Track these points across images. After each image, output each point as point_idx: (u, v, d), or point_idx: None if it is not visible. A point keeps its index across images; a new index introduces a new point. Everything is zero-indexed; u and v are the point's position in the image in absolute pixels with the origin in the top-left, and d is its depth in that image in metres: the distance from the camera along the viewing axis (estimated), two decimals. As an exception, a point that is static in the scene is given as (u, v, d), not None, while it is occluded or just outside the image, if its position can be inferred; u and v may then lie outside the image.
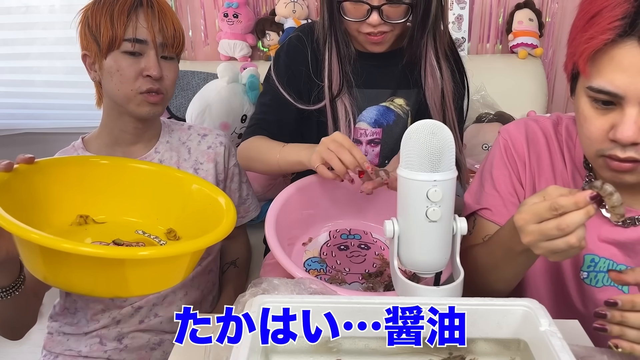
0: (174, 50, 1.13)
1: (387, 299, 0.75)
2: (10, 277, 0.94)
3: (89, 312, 1.15)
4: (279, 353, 0.74)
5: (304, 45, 1.25)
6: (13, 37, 2.30)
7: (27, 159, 0.90)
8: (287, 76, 1.25)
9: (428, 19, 1.17)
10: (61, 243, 0.71)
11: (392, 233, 0.78)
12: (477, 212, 1.02)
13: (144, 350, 1.17)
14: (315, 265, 1.06)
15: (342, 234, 1.13)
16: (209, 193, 1.02)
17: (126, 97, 1.10)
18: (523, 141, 1.00)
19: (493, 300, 0.73)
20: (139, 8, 1.09)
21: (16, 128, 2.36)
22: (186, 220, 1.03)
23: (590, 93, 0.80)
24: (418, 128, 0.74)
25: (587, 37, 0.77)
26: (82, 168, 1.03)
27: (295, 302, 0.74)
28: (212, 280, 1.28)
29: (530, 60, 2.00)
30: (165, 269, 0.84)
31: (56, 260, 0.76)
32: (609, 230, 0.92)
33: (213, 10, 2.13)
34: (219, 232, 0.87)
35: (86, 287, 0.82)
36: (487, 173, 1.03)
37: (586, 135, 0.83)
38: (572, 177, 0.96)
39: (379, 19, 1.12)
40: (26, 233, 0.73)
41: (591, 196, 0.70)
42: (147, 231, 1.03)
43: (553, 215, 0.71)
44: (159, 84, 1.11)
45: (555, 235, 0.72)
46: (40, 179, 0.92)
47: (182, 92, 1.85)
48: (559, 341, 0.66)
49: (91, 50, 1.11)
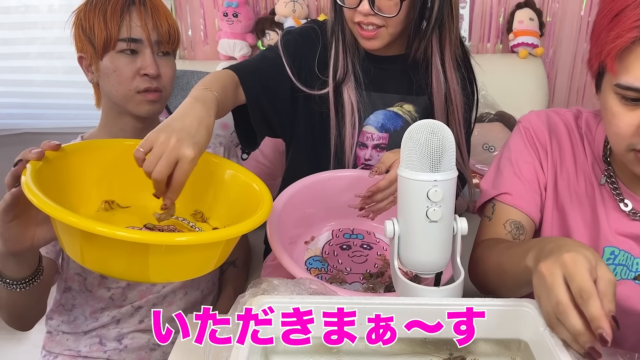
0: (170, 47, 1.13)
1: (386, 299, 0.75)
2: (30, 269, 0.92)
3: (88, 309, 1.15)
4: (279, 353, 0.74)
5: (317, 37, 1.22)
6: (12, 37, 2.29)
7: (54, 145, 0.88)
8: (293, 56, 1.20)
9: (431, 18, 1.13)
10: (113, 230, 0.70)
11: (392, 233, 0.78)
12: (496, 197, 1.01)
13: (144, 350, 1.17)
14: (316, 264, 1.05)
15: (345, 233, 1.13)
16: (245, 179, 0.98)
17: (124, 96, 1.10)
18: (545, 129, 1.01)
19: (493, 300, 0.73)
20: (132, 6, 1.08)
21: (15, 128, 2.36)
22: (217, 204, 1.00)
23: (618, 90, 0.80)
24: (418, 128, 0.74)
25: (613, 35, 0.78)
26: (106, 152, 0.99)
27: (295, 302, 0.74)
28: (212, 281, 1.28)
29: (530, 60, 1.99)
30: (201, 256, 0.81)
31: (95, 243, 0.75)
32: (627, 224, 0.93)
33: (213, 9, 2.13)
34: (258, 217, 0.84)
35: (121, 271, 0.80)
36: (506, 159, 1.03)
37: (615, 131, 0.83)
38: (592, 169, 0.97)
39: (369, 8, 1.09)
40: (88, 224, 0.71)
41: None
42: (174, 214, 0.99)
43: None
44: (156, 82, 1.10)
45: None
46: (65, 165, 0.90)
47: (182, 91, 1.84)
48: (559, 341, 0.66)
49: (87, 52, 1.10)
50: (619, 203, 0.93)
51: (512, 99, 1.89)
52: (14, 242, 0.85)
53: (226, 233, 0.80)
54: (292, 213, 1.06)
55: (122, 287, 1.14)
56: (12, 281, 0.91)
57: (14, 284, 0.91)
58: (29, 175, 0.78)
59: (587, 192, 0.97)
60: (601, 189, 0.95)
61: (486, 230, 1.00)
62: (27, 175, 0.78)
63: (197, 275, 0.85)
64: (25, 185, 0.76)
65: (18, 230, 0.84)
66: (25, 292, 0.93)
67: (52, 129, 2.31)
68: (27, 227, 0.85)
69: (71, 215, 0.71)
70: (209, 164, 1.01)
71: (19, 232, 0.84)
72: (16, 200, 0.81)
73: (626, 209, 0.93)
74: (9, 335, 1.65)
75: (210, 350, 0.72)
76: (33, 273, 0.93)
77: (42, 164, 0.83)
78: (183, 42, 2.17)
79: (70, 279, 1.13)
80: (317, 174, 1.11)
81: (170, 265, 0.78)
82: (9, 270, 0.90)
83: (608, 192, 0.95)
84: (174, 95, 1.83)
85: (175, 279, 0.97)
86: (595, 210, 0.95)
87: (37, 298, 1.03)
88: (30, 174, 0.78)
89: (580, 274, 0.64)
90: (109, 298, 1.14)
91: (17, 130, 2.36)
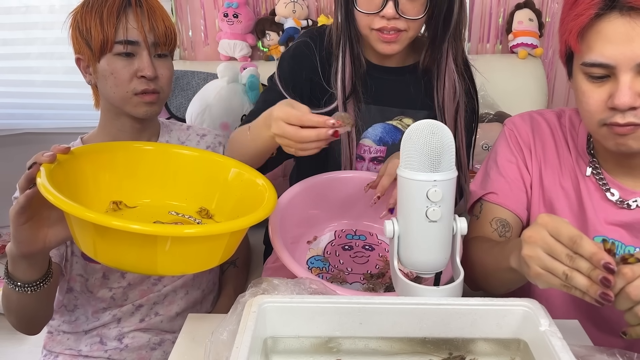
0: (167, 48, 1.12)
1: (386, 299, 0.75)
2: (41, 271, 0.95)
3: (90, 309, 1.16)
4: (279, 353, 0.74)
5: (311, 51, 1.19)
6: (13, 37, 2.29)
7: (64, 149, 0.90)
8: (293, 82, 1.19)
9: (450, 20, 1.10)
10: (115, 221, 0.75)
11: (392, 233, 0.78)
12: (483, 197, 1.05)
13: (144, 350, 1.17)
14: (317, 263, 1.06)
15: (348, 234, 1.13)
16: (249, 176, 1.01)
17: (122, 98, 1.10)
18: (528, 130, 1.05)
19: (493, 300, 0.73)
20: (128, 8, 1.07)
21: (16, 128, 2.36)
22: (221, 201, 1.02)
23: (584, 69, 0.85)
24: (418, 128, 0.74)
25: (573, 15, 0.84)
26: (114, 154, 1.02)
27: (295, 302, 0.74)
28: (212, 280, 1.28)
29: (530, 60, 2.00)
30: (207, 248, 0.84)
31: (108, 238, 0.79)
32: (615, 213, 0.95)
33: (213, 10, 2.13)
34: (263, 210, 0.87)
35: (131, 264, 0.84)
36: (492, 161, 1.07)
37: (586, 109, 0.87)
38: (577, 163, 1.00)
39: (394, 12, 1.04)
40: (103, 218, 0.76)
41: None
42: (180, 212, 1.02)
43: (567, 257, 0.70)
44: (154, 83, 1.10)
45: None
46: (75, 167, 0.93)
47: (182, 92, 1.85)
48: (559, 341, 0.66)
49: (84, 54, 1.10)
50: (606, 193, 0.96)
51: (511, 100, 1.89)
52: (27, 243, 0.88)
53: (231, 225, 0.84)
54: (295, 212, 1.06)
55: (123, 287, 1.14)
56: (23, 284, 0.94)
57: (25, 287, 0.94)
58: (44, 177, 0.82)
59: (573, 185, 1.00)
60: (586, 181, 0.98)
61: (474, 228, 1.05)
62: (43, 177, 0.82)
63: (203, 268, 0.88)
64: (42, 186, 0.80)
65: (31, 232, 0.87)
66: (35, 295, 0.96)
67: (52, 129, 2.31)
68: (40, 229, 0.89)
69: (87, 211, 0.76)
70: (214, 163, 1.05)
71: (31, 234, 0.88)
72: (30, 201, 0.85)
73: (613, 198, 0.96)
74: (9, 335, 1.65)
75: (210, 350, 0.72)
76: (43, 275, 0.96)
77: (54, 167, 0.87)
78: (183, 43, 2.17)
79: (73, 279, 1.13)
80: (321, 175, 1.11)
81: (177, 258, 0.81)
82: (20, 272, 0.93)
83: (594, 183, 0.98)
84: (174, 95, 1.83)
85: (182, 271, 0.99)
86: (582, 202, 0.97)
87: (45, 301, 1.04)
88: (45, 176, 0.82)
89: (563, 224, 0.69)
90: (110, 298, 1.14)
91: (17, 130, 2.36)
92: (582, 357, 0.72)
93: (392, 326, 0.73)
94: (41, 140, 2.34)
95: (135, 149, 1.05)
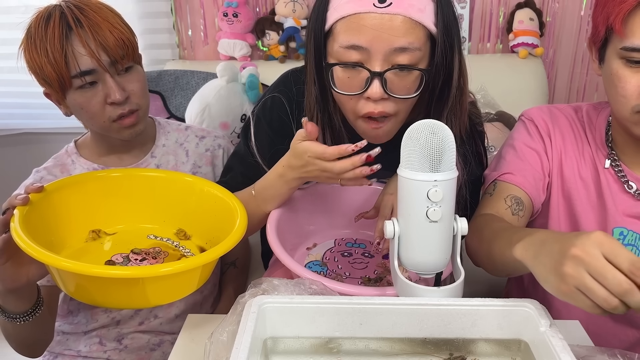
0: (128, 60, 1.04)
1: (386, 299, 0.75)
2: (29, 302, 0.95)
3: (90, 312, 1.15)
4: (279, 353, 0.74)
5: (286, 115, 1.05)
6: (13, 37, 2.29)
7: (37, 188, 0.91)
8: (270, 153, 1.04)
9: (449, 94, 0.94)
10: (91, 268, 0.78)
11: (392, 233, 0.78)
12: (498, 178, 1.03)
13: (144, 350, 1.17)
14: (316, 267, 1.05)
15: (348, 242, 1.13)
16: (220, 195, 1.02)
17: (102, 128, 1.07)
18: (547, 119, 1.05)
19: (493, 300, 0.73)
20: (70, 33, 0.99)
21: (16, 128, 2.35)
22: (197, 221, 1.03)
23: (624, 53, 0.86)
24: (418, 128, 0.74)
25: (618, 0, 0.84)
26: (86, 185, 1.02)
27: (295, 302, 0.74)
28: (212, 282, 1.28)
29: (530, 60, 1.99)
30: (181, 280, 0.86)
31: (83, 282, 0.82)
32: (634, 205, 0.97)
33: (213, 9, 2.12)
34: (232, 239, 0.89)
35: (110, 302, 0.87)
36: (509, 147, 1.06)
37: (621, 94, 0.88)
38: (596, 155, 1.01)
39: (382, 91, 0.86)
40: (70, 265, 0.78)
41: None
42: (159, 235, 1.03)
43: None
44: (127, 105, 1.04)
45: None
46: (48, 204, 0.94)
47: (181, 91, 1.84)
48: (560, 341, 0.66)
49: (49, 90, 1.05)
50: (624, 185, 0.97)
51: (512, 99, 1.89)
52: (11, 280, 0.89)
53: (203, 259, 0.87)
54: (295, 219, 1.05)
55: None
56: (15, 315, 0.94)
57: (17, 317, 0.95)
58: (17, 222, 0.84)
59: (592, 176, 1.00)
60: (606, 173, 0.99)
61: (486, 205, 1.00)
62: (16, 222, 0.84)
63: (193, 290, 0.89)
64: (14, 231, 0.82)
65: (13, 269, 0.88)
66: (30, 324, 0.96)
67: (52, 129, 2.30)
68: (21, 266, 0.89)
69: (63, 260, 0.78)
70: (184, 183, 1.06)
71: (14, 272, 0.88)
72: (7, 245, 0.85)
73: (631, 190, 0.97)
74: (9, 335, 1.65)
75: (209, 351, 0.72)
76: (33, 305, 0.96)
77: (28, 208, 0.88)
78: (183, 42, 2.17)
79: None
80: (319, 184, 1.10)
81: (152, 293, 0.84)
82: (10, 305, 0.94)
83: (613, 175, 0.99)
84: (174, 95, 1.83)
85: (157, 303, 0.96)
86: (602, 194, 0.98)
87: (42, 327, 1.04)
88: (18, 221, 0.84)
89: (621, 247, 0.61)
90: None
91: (17, 130, 2.36)
92: (583, 357, 0.72)
93: (392, 327, 0.73)
94: (41, 140, 2.34)
95: (104, 178, 1.05)
